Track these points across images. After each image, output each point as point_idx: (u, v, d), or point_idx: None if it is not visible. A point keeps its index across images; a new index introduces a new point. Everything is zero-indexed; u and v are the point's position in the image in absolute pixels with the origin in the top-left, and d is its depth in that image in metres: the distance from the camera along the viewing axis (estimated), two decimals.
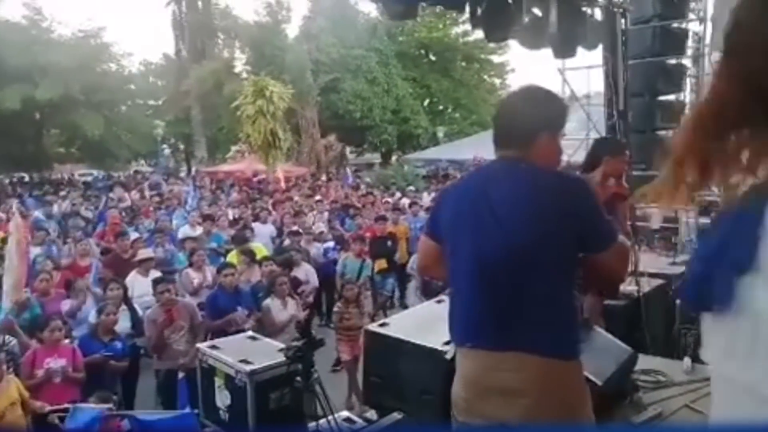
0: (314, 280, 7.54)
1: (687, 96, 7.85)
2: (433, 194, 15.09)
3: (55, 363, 4.81)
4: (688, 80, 7.67)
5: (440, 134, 30.87)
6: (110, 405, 4.27)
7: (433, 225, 2.39)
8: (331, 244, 9.41)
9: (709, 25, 6.53)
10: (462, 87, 33.78)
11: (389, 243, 9.38)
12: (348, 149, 32.01)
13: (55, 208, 13.26)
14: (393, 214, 10.68)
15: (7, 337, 4.98)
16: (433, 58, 34.75)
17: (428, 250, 2.40)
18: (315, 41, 27.76)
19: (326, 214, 11.68)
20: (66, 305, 6.00)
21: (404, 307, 9.08)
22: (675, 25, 6.73)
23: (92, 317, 5.57)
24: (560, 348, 2.08)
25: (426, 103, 34.26)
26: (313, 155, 26.10)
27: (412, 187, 17.21)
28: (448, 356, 2.65)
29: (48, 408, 4.38)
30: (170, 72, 30.54)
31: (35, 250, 7.94)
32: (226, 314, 5.77)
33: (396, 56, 31.60)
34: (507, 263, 2.06)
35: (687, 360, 3.92)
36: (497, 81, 36.59)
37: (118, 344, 5.28)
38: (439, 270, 2.42)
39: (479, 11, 4.33)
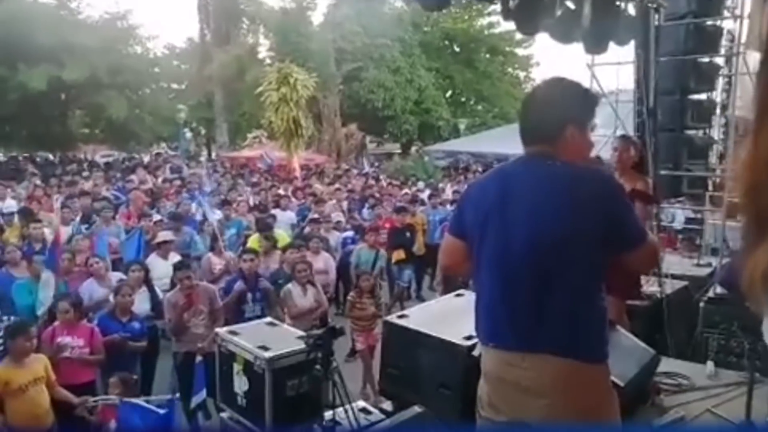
0: (332, 271, 7.54)
1: (718, 95, 7.70)
2: (455, 186, 14.99)
3: (72, 341, 4.86)
4: (720, 79, 7.52)
5: (462, 126, 30.62)
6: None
7: (457, 223, 2.35)
8: (350, 233, 9.39)
9: (745, 23, 6.37)
10: (485, 79, 33.51)
11: (407, 234, 9.37)
12: (368, 139, 31.95)
13: (78, 189, 13.36)
14: (412, 205, 10.64)
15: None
16: (457, 49, 34.51)
17: (453, 248, 2.35)
18: (339, 29, 27.67)
19: (345, 203, 11.66)
20: (85, 286, 6.05)
21: (420, 298, 9.08)
22: (709, 22, 6.57)
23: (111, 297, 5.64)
24: (585, 351, 2.04)
25: (448, 94, 34.04)
26: (333, 144, 26.11)
27: (422, 182, 16.93)
28: (475, 353, 2.62)
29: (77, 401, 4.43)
30: (194, 56, 30.56)
31: (66, 229, 8.03)
32: (244, 301, 5.83)
33: (420, 46, 31.40)
34: (532, 263, 2.02)
35: (710, 364, 3.87)
36: (521, 74, 36.26)
37: (136, 324, 5.36)
38: (464, 269, 2.39)
39: (511, 3, 4.27)
